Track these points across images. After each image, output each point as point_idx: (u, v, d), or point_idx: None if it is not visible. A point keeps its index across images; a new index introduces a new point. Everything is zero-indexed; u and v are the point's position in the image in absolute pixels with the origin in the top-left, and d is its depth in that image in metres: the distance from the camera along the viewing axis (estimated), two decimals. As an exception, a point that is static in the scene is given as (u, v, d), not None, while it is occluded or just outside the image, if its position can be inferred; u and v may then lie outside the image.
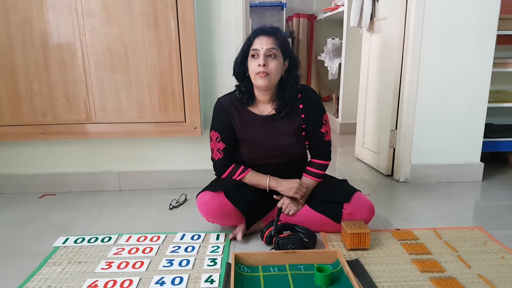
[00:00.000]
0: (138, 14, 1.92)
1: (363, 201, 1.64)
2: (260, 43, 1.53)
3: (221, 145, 1.65)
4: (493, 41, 2.18)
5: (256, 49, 1.53)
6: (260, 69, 1.52)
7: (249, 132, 1.64)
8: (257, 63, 1.52)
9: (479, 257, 1.47)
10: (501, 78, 2.51)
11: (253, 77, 1.56)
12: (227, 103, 1.65)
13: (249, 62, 1.57)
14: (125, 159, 2.26)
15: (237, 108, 1.65)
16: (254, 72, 1.54)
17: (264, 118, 1.64)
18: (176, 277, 1.36)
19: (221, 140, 1.65)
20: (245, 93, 1.63)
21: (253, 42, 1.54)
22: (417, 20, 2.14)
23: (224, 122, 1.65)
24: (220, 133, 1.65)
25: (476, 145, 2.33)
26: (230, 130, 1.65)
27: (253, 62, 1.54)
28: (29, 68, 1.98)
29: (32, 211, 2.00)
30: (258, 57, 1.53)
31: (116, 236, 1.68)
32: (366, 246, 1.52)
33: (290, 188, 1.61)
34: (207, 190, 1.62)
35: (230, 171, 1.66)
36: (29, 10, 1.91)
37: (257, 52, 1.53)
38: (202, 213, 1.63)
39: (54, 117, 2.05)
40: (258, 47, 1.52)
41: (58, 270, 1.43)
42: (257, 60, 1.53)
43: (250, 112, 1.65)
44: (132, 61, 1.98)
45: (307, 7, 5.00)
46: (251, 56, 1.55)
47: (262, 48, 1.52)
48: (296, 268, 1.39)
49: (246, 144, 1.65)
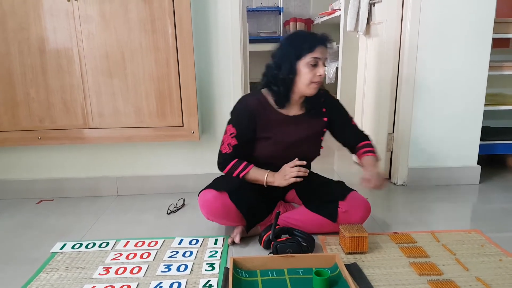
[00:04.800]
0: (135, 19, 1.93)
1: (358, 199, 1.64)
2: (322, 52, 1.50)
3: (233, 141, 1.61)
4: (489, 44, 2.20)
5: (319, 58, 1.49)
6: (319, 79, 1.51)
7: (273, 131, 1.61)
8: (317, 72, 1.50)
9: (476, 259, 1.48)
10: (497, 81, 2.52)
11: (306, 84, 1.52)
12: (255, 103, 1.61)
13: (304, 68, 1.50)
14: (123, 164, 2.26)
15: (265, 108, 1.61)
16: (311, 81, 1.51)
17: (291, 118, 1.63)
18: (174, 282, 1.35)
19: (235, 137, 1.61)
20: (283, 97, 1.59)
21: (315, 50, 1.49)
22: (413, 24, 2.16)
23: (245, 122, 1.60)
24: (237, 131, 1.60)
25: (473, 148, 2.34)
26: (248, 131, 1.61)
27: (311, 70, 1.50)
28: (26, 73, 1.98)
29: (29, 217, 1.99)
30: (318, 66, 1.50)
31: (114, 242, 1.67)
32: (364, 250, 1.52)
33: (283, 177, 1.57)
34: (210, 188, 1.62)
35: (232, 165, 1.62)
36: (26, 15, 1.91)
37: (317, 61, 1.50)
38: (203, 211, 1.62)
39: (52, 123, 2.04)
40: (320, 56, 1.50)
41: (56, 276, 1.42)
42: (316, 69, 1.50)
43: (278, 112, 1.62)
44: (130, 66, 1.98)
45: (304, 11, 5.03)
46: (309, 64, 1.50)
47: (323, 58, 1.51)
48: (295, 272, 1.39)
49: (267, 142, 1.62)
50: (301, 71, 1.51)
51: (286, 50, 1.53)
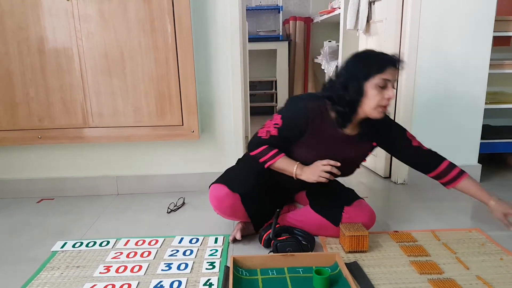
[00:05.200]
0: (134, 19, 1.92)
1: (364, 207, 1.64)
2: (392, 74, 1.40)
3: (274, 131, 1.51)
4: (489, 42, 2.19)
5: (389, 80, 1.39)
6: (388, 102, 1.41)
7: (321, 145, 1.53)
8: (385, 95, 1.40)
9: (477, 258, 1.47)
10: (498, 79, 2.52)
11: (373, 107, 1.42)
12: (315, 111, 1.49)
13: (371, 89, 1.40)
14: (123, 163, 2.26)
15: (322, 119, 1.50)
16: (379, 104, 1.41)
17: (343, 137, 1.54)
18: (175, 281, 1.35)
19: (278, 129, 1.51)
20: (346, 119, 1.49)
21: (386, 70, 1.38)
22: (413, 22, 2.15)
23: (295, 123, 1.50)
24: (283, 125, 1.50)
25: (474, 146, 2.34)
26: (293, 132, 1.52)
27: (379, 92, 1.39)
28: (26, 73, 1.98)
29: (30, 216, 1.99)
30: (387, 89, 1.40)
31: (114, 240, 1.67)
32: (364, 249, 1.52)
33: (312, 172, 1.51)
34: (224, 184, 1.59)
35: (262, 150, 1.55)
36: (25, 15, 1.91)
37: (386, 83, 1.39)
38: (212, 204, 1.63)
39: (51, 122, 2.04)
40: (390, 78, 1.39)
41: (57, 274, 1.42)
42: (385, 91, 1.40)
43: (332, 128, 1.52)
44: (129, 65, 1.98)
45: (303, 10, 5.01)
46: (377, 85, 1.39)
47: (394, 80, 1.41)
48: (295, 271, 1.39)
49: (310, 152, 1.54)
50: (369, 93, 1.40)
51: (353, 70, 1.43)
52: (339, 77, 1.47)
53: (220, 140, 2.25)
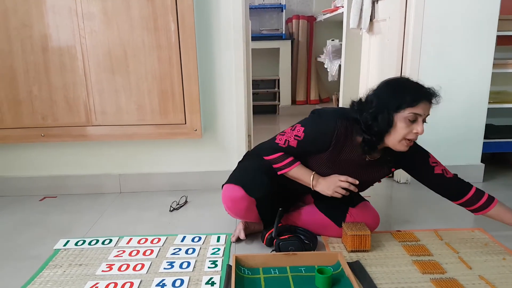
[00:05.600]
0: (137, 17, 1.92)
1: (369, 209, 1.64)
2: (424, 109, 1.34)
3: (293, 142, 1.47)
4: (493, 41, 2.18)
5: (420, 114, 1.34)
6: (415, 136, 1.37)
7: (340, 166, 1.51)
8: (413, 129, 1.35)
9: (480, 258, 1.47)
10: (501, 79, 2.50)
11: (398, 140, 1.37)
12: (342, 133, 1.44)
13: (400, 122, 1.35)
14: (126, 161, 2.26)
15: (347, 141, 1.46)
16: (405, 137, 1.36)
17: (364, 161, 1.51)
18: (177, 279, 1.35)
19: (298, 141, 1.47)
20: (372, 148, 1.43)
21: (418, 105, 1.33)
22: (416, 21, 2.14)
23: (319, 142, 1.47)
24: (304, 139, 1.46)
25: (477, 146, 2.33)
26: (315, 149, 1.49)
27: (407, 125, 1.34)
28: (29, 71, 1.98)
29: (32, 214, 2.00)
30: (416, 123, 1.35)
31: (117, 239, 1.68)
32: (367, 248, 1.51)
33: (328, 186, 1.49)
34: (239, 186, 1.53)
35: (278, 156, 1.51)
36: (29, 13, 1.92)
37: (416, 118, 1.34)
38: (225, 205, 1.60)
39: (54, 120, 2.05)
40: (422, 113, 1.34)
41: (59, 272, 1.43)
42: (413, 125, 1.35)
43: (355, 151, 1.48)
44: (132, 63, 1.98)
45: (306, 8, 5.00)
46: (407, 119, 1.34)
47: (425, 115, 1.36)
48: (297, 270, 1.39)
49: (328, 169, 1.51)
50: (397, 125, 1.35)
51: (385, 99, 1.37)
52: (370, 104, 1.40)
53: (223, 138, 2.25)
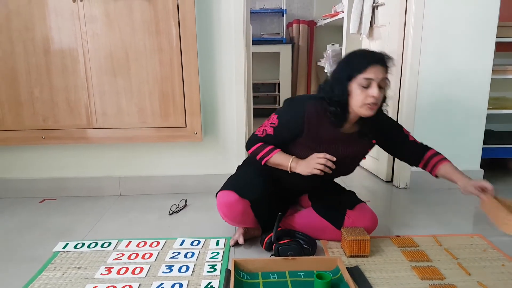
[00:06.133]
0: (139, 20, 1.93)
1: (366, 211, 1.65)
2: (375, 73, 1.40)
3: (270, 130, 1.56)
4: (492, 48, 2.19)
5: (371, 79, 1.40)
6: (373, 100, 1.41)
7: (320, 145, 1.54)
8: (369, 94, 1.40)
9: (479, 264, 1.47)
10: (500, 85, 2.52)
11: (359, 106, 1.43)
12: (312, 113, 1.51)
13: (354, 89, 1.42)
14: (126, 164, 2.27)
15: (320, 120, 1.52)
16: (363, 102, 1.42)
17: (342, 136, 1.55)
18: (176, 283, 1.36)
19: (274, 128, 1.55)
20: (340, 118, 1.50)
21: (367, 70, 1.40)
22: (416, 27, 2.16)
23: (292, 125, 1.54)
24: (279, 125, 1.54)
25: (476, 151, 2.34)
26: (290, 133, 1.54)
27: (362, 91, 1.41)
28: (31, 73, 1.99)
29: (32, 216, 2.00)
30: (370, 87, 1.41)
31: (116, 242, 1.68)
32: (366, 253, 1.52)
33: (307, 165, 1.50)
34: (232, 191, 1.55)
35: (258, 146, 1.58)
36: (31, 16, 1.92)
37: (370, 82, 1.40)
38: (221, 212, 1.59)
39: (55, 122, 2.05)
40: (373, 77, 1.39)
41: (58, 275, 1.43)
42: (368, 90, 1.41)
43: (331, 127, 1.53)
44: (133, 66, 1.99)
45: (307, 13, 5.02)
46: (359, 85, 1.41)
47: (377, 78, 1.40)
48: (296, 275, 1.39)
49: (310, 151, 1.53)
50: (353, 93, 1.43)
51: (339, 71, 1.48)
52: (330, 78, 1.52)
53: (223, 142, 2.25)
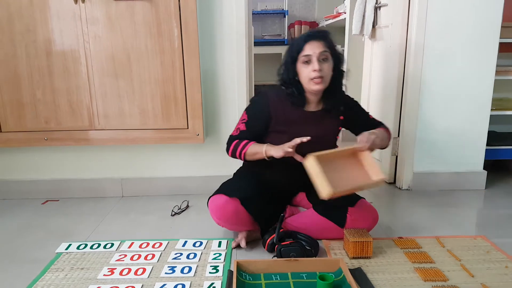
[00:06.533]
0: (141, 22, 1.94)
1: (367, 207, 1.65)
2: (312, 48, 1.51)
3: (242, 126, 1.66)
4: (495, 49, 2.19)
5: (308, 54, 1.52)
6: (316, 74, 1.51)
7: (289, 126, 1.62)
8: (311, 68, 1.51)
9: (482, 266, 1.47)
10: (503, 85, 2.51)
11: (307, 82, 1.55)
12: (273, 98, 1.64)
13: (300, 68, 1.55)
14: (128, 165, 2.27)
15: (283, 103, 1.63)
16: (309, 78, 1.53)
17: (309, 114, 1.65)
18: (178, 284, 1.35)
19: (245, 123, 1.66)
20: (298, 97, 1.60)
21: (304, 48, 1.52)
22: (419, 28, 2.15)
23: (258, 114, 1.65)
24: (248, 118, 1.66)
25: (479, 153, 2.33)
26: (258, 122, 1.65)
27: (305, 68, 1.53)
28: (33, 75, 1.99)
29: (34, 217, 2.00)
30: (311, 62, 1.52)
31: (119, 243, 1.68)
32: (368, 255, 1.51)
33: (281, 147, 1.52)
34: (221, 194, 1.61)
35: (234, 144, 1.64)
36: (33, 18, 1.93)
37: (309, 58, 1.52)
38: (214, 216, 1.62)
39: (57, 124, 2.05)
40: (310, 52, 1.51)
41: (61, 276, 1.43)
42: (310, 66, 1.52)
43: (296, 108, 1.63)
44: (135, 68, 1.99)
45: (308, 14, 5.03)
46: (302, 63, 1.54)
47: (315, 53, 1.51)
48: (298, 276, 1.38)
49: (282, 136, 1.58)
50: (300, 71, 1.56)
51: (286, 57, 1.60)
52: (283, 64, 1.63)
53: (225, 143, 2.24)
